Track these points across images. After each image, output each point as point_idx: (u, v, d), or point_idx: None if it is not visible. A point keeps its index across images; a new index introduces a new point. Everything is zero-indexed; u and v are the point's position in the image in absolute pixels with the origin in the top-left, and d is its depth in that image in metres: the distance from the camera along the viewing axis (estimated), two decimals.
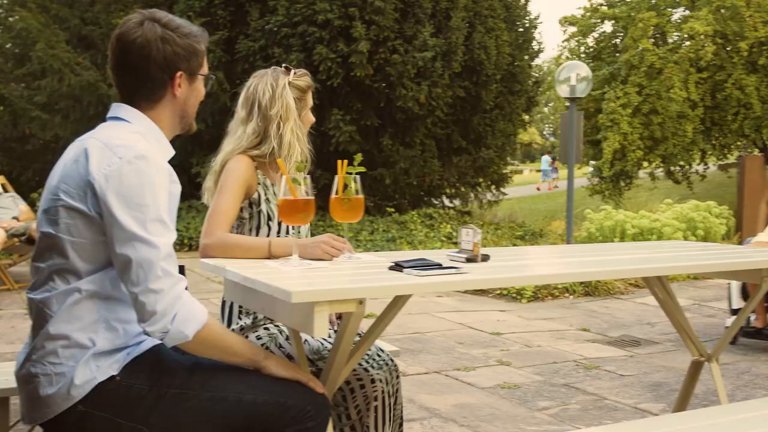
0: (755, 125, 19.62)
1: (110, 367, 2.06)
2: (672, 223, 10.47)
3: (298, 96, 2.99)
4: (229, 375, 2.16)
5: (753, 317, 6.07)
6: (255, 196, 2.89)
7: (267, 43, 13.03)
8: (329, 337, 2.91)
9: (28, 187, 13.97)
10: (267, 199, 2.91)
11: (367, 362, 2.83)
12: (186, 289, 2.07)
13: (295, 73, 3.00)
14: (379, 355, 2.90)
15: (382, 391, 2.84)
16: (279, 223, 2.91)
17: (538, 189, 34.08)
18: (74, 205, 2.03)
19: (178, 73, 2.20)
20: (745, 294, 5.97)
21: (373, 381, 2.81)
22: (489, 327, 6.82)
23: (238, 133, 2.96)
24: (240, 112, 2.99)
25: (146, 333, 2.02)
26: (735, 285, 6.10)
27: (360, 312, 2.09)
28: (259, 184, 2.90)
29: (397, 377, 2.95)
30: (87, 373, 2.03)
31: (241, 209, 2.87)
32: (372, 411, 2.82)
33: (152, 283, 1.97)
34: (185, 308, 2.01)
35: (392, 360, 2.94)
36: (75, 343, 2.03)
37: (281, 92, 2.93)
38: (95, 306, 2.06)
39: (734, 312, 6.04)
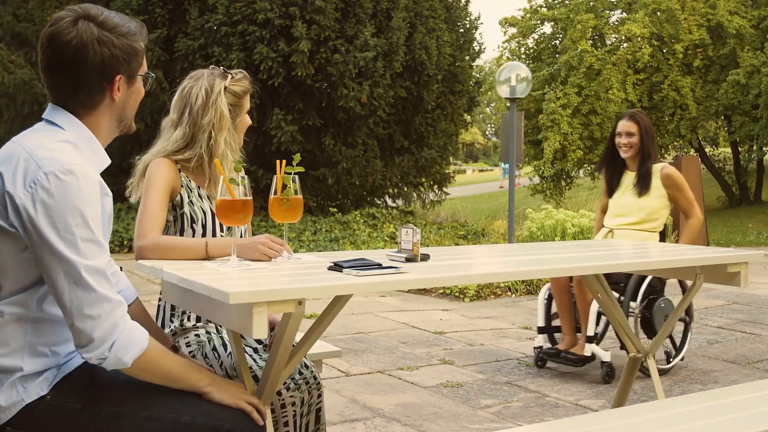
0: (691, 126, 20.07)
1: (39, 387, 1.97)
2: None
3: (234, 102, 2.90)
4: (167, 395, 2.07)
5: (559, 336, 5.55)
6: (178, 198, 2.83)
7: (206, 42, 12.91)
8: (262, 348, 2.87)
9: None
10: (191, 201, 2.85)
11: (284, 383, 2.69)
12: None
13: (232, 77, 2.91)
14: (300, 373, 2.78)
15: (294, 415, 2.76)
16: (203, 226, 2.86)
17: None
18: None
19: (117, 77, 2.05)
20: (548, 315, 5.51)
21: (283, 406, 2.70)
22: (432, 326, 6.84)
23: (166, 136, 2.91)
24: (172, 113, 2.92)
25: (83, 358, 1.92)
26: (542, 302, 5.50)
27: (299, 312, 2.06)
28: (182, 186, 2.84)
29: (319, 396, 2.85)
30: (13, 395, 1.94)
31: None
32: None
33: (88, 309, 1.86)
34: (124, 335, 1.91)
35: (315, 378, 2.83)
36: None
37: (215, 99, 2.83)
38: (21, 331, 1.96)
39: (541, 330, 5.47)
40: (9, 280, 1.94)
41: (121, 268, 2.72)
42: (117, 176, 2.95)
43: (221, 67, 2.95)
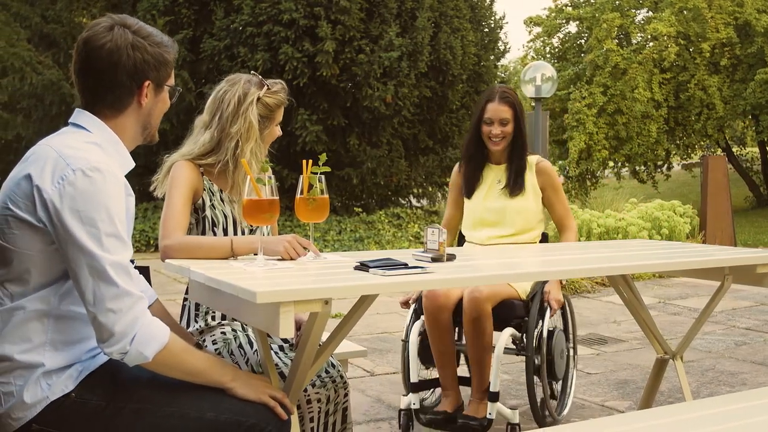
0: (718, 125, 19.89)
1: (63, 384, 2.00)
2: (637, 222, 10.56)
3: (266, 114, 2.90)
4: (190, 391, 2.09)
5: (436, 396, 4.16)
6: (200, 201, 2.85)
7: (232, 42, 12.95)
8: (290, 347, 2.88)
9: None
10: (212, 205, 2.86)
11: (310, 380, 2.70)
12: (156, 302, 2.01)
13: (268, 88, 2.90)
14: (327, 371, 2.81)
15: (319, 411, 2.77)
16: (224, 230, 2.87)
17: None
18: (21, 216, 1.95)
19: (146, 82, 2.13)
20: (426, 359, 3.88)
21: (309, 402, 2.73)
22: None
23: (195, 137, 2.92)
24: (204, 114, 2.94)
25: (105, 353, 1.95)
26: (413, 344, 3.77)
27: (326, 312, 2.07)
28: (204, 189, 2.86)
29: (345, 395, 2.87)
30: (38, 393, 1.97)
31: None
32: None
33: (110, 303, 1.90)
34: (145, 329, 1.94)
35: (342, 377, 2.85)
36: (20, 364, 1.97)
37: (246, 108, 2.84)
38: (44, 327, 2.00)
39: (416, 387, 3.70)
40: (36, 274, 1.99)
41: (148, 267, 2.75)
42: (143, 176, 2.97)
43: (260, 77, 2.92)
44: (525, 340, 3.75)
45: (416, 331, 3.80)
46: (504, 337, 3.62)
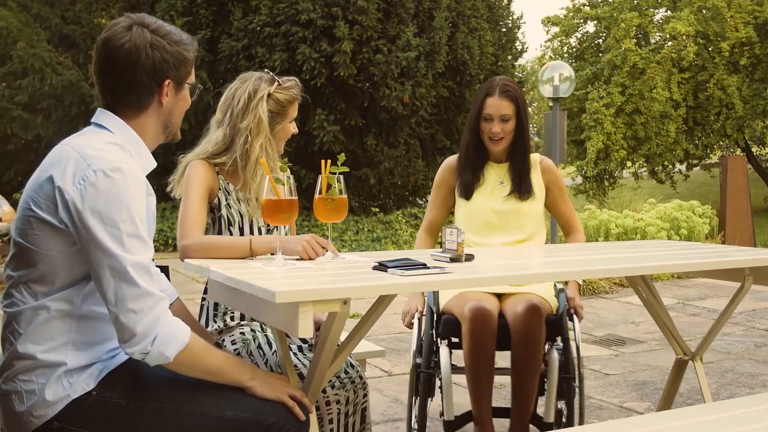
0: (737, 125, 19.75)
1: (84, 383, 2.01)
2: (656, 223, 10.51)
3: (277, 110, 2.89)
4: (210, 390, 2.10)
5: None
6: (216, 201, 2.86)
7: (250, 42, 13.00)
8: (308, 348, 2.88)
9: (10, 187, 13.88)
10: (228, 204, 2.87)
11: (329, 381, 2.71)
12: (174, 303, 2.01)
13: (279, 84, 2.90)
14: (346, 372, 2.81)
15: (338, 413, 2.77)
16: (240, 229, 2.88)
17: None
18: (43, 217, 1.96)
19: (166, 81, 2.12)
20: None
21: (328, 403, 2.73)
22: None
23: (210, 136, 2.93)
24: (217, 112, 2.94)
25: (126, 353, 1.96)
26: (446, 369, 3.32)
27: (344, 312, 2.07)
28: (219, 188, 2.87)
29: (365, 395, 2.86)
30: (59, 391, 1.98)
31: None
32: None
33: (131, 303, 1.91)
34: (166, 329, 1.95)
35: (361, 377, 2.85)
36: (42, 363, 1.98)
37: (256, 104, 2.84)
38: (66, 327, 2.01)
39: (449, 427, 3.37)
40: (59, 275, 2.00)
41: (168, 267, 2.77)
42: (162, 176, 2.98)
43: (271, 73, 2.93)
44: (565, 357, 3.34)
45: (448, 362, 3.30)
46: (556, 358, 3.32)
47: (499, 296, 3.41)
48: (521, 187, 3.57)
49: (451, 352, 3.36)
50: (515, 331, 3.19)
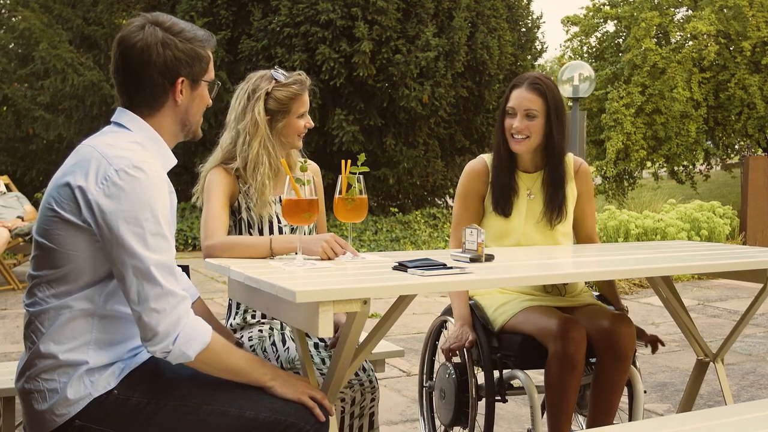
0: (759, 125, 19.59)
1: (106, 381, 2.02)
2: (676, 223, 10.45)
3: (278, 108, 2.87)
4: (231, 389, 2.11)
5: None
6: (236, 204, 2.88)
7: (270, 43, 13.03)
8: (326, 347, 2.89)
9: (32, 186, 13.99)
10: (248, 207, 2.89)
11: None
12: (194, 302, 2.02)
13: (277, 82, 2.87)
14: (356, 374, 2.81)
15: (342, 411, 2.77)
16: (260, 231, 2.89)
17: None
18: (66, 217, 1.97)
19: (180, 79, 2.13)
20: None
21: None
22: None
23: (221, 140, 2.95)
24: (229, 114, 2.96)
25: (149, 351, 1.98)
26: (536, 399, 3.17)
27: (364, 312, 2.08)
28: (240, 192, 2.89)
29: (373, 399, 2.86)
30: (81, 390, 2.00)
31: None
32: None
33: (154, 302, 1.93)
34: (188, 329, 1.97)
35: (371, 381, 2.85)
36: (65, 362, 2.00)
37: (253, 105, 2.85)
38: (89, 326, 2.02)
39: None
40: (82, 274, 2.01)
41: (188, 266, 2.79)
42: (181, 176, 3.01)
43: (279, 70, 2.92)
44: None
45: (533, 387, 3.07)
46: (637, 373, 3.18)
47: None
48: (556, 213, 3.22)
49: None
50: (604, 348, 2.94)
